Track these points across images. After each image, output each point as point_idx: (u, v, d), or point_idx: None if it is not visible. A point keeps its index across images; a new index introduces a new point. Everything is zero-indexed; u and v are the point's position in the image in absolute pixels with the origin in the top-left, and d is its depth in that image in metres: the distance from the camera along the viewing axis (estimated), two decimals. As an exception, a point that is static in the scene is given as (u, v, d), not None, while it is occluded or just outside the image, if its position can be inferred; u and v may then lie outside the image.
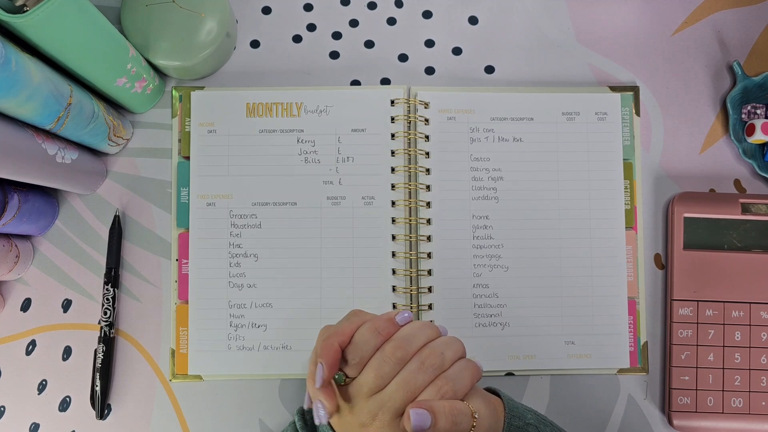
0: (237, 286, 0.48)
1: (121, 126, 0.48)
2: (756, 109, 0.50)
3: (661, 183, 0.51)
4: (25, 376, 0.48)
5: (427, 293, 0.48)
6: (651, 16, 0.52)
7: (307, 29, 0.52)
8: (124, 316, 0.49)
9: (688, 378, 0.47)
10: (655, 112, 0.51)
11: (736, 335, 0.47)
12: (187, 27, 0.47)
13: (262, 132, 0.49)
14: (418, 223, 0.48)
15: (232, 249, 0.48)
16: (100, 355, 0.47)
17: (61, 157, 0.43)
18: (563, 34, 0.52)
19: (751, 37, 0.52)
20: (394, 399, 0.34)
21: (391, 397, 0.34)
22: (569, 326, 0.48)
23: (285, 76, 0.51)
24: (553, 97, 0.50)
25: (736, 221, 0.48)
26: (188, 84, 0.51)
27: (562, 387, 0.48)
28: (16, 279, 0.49)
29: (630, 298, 0.49)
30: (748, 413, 0.47)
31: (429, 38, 0.52)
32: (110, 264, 0.48)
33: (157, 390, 0.48)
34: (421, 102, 0.49)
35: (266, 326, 0.48)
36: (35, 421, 0.48)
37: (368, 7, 0.52)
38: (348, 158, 0.49)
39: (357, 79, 0.51)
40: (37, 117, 0.39)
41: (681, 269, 0.48)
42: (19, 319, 0.49)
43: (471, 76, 0.52)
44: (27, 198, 0.45)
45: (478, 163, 0.49)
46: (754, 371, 0.47)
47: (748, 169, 0.51)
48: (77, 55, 0.40)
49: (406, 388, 0.34)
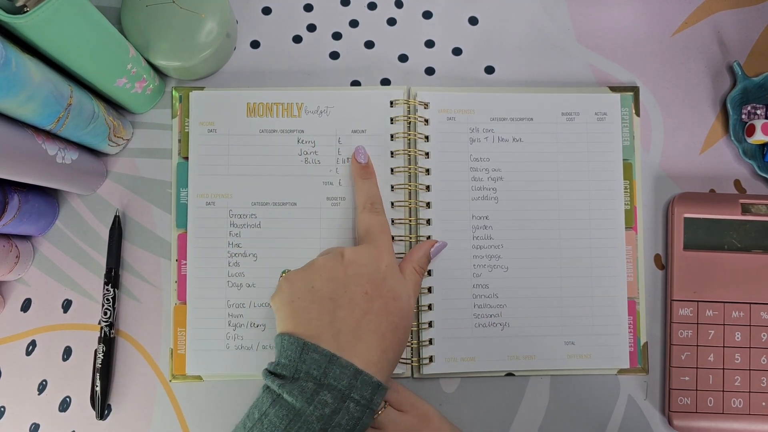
0: (236, 286, 0.48)
1: (121, 126, 0.48)
2: (756, 110, 0.50)
3: (661, 183, 0.50)
4: (25, 376, 0.48)
5: (427, 294, 0.48)
6: (651, 16, 0.52)
7: (307, 29, 0.52)
8: (124, 317, 0.49)
9: (688, 378, 0.47)
10: (655, 113, 0.51)
11: (736, 336, 0.47)
12: (187, 27, 0.47)
13: (263, 132, 0.49)
14: (418, 223, 0.48)
15: (231, 248, 0.48)
16: (100, 355, 0.47)
17: (62, 158, 0.43)
18: (563, 34, 0.52)
19: (751, 38, 0.52)
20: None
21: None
22: (569, 326, 0.48)
23: (285, 77, 0.51)
24: (553, 97, 0.50)
25: (736, 222, 0.48)
26: (188, 84, 0.51)
27: (562, 387, 0.48)
28: (16, 279, 0.49)
29: (630, 298, 0.49)
30: (748, 414, 0.46)
31: (429, 38, 0.52)
32: (110, 264, 0.48)
33: (157, 390, 0.48)
34: (421, 102, 0.49)
35: (265, 326, 0.48)
36: (35, 422, 0.48)
37: (368, 8, 0.53)
38: (348, 159, 0.49)
39: (357, 80, 0.51)
40: (37, 117, 0.39)
41: (681, 269, 0.48)
42: (19, 320, 0.49)
43: (471, 77, 0.52)
44: (27, 198, 0.45)
45: (478, 164, 0.49)
46: (754, 371, 0.47)
47: (748, 169, 0.51)
48: (77, 55, 0.40)
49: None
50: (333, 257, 0.41)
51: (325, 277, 0.39)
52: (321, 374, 0.36)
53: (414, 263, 0.43)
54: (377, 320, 0.38)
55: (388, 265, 0.41)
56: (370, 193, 0.45)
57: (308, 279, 0.40)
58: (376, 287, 0.39)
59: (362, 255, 0.41)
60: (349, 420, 0.36)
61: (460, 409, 0.48)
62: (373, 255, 0.41)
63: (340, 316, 0.38)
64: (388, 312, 0.39)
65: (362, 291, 0.39)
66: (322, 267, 0.40)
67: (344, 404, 0.36)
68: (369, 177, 0.46)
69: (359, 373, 0.36)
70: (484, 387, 0.48)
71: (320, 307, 0.38)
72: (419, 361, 0.47)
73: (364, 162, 0.46)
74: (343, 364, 0.36)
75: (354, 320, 0.38)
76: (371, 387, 0.36)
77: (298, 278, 0.40)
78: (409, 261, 0.43)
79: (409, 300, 0.41)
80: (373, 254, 0.41)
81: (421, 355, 0.47)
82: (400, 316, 0.40)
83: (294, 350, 0.37)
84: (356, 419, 0.36)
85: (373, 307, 0.39)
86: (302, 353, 0.36)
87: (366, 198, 0.45)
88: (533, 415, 0.48)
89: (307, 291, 0.39)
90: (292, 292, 0.39)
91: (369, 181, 0.46)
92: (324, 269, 0.40)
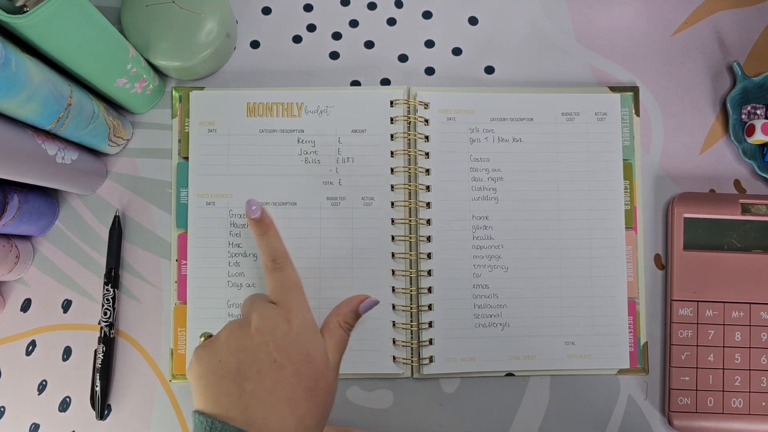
0: (236, 286, 0.48)
1: (121, 126, 0.48)
2: (756, 110, 0.50)
3: (661, 183, 0.50)
4: (25, 376, 0.48)
5: (427, 294, 0.48)
6: (651, 16, 0.52)
7: (307, 29, 0.52)
8: (124, 317, 0.49)
9: (688, 378, 0.47)
10: (655, 113, 0.51)
11: (736, 336, 0.47)
12: (187, 27, 0.47)
13: (263, 132, 0.49)
14: (418, 223, 0.48)
15: (232, 249, 0.48)
16: (100, 355, 0.47)
17: (61, 158, 0.43)
18: (563, 34, 0.52)
19: (751, 38, 0.52)
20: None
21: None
22: (569, 326, 0.48)
23: (285, 77, 0.51)
24: (553, 97, 0.50)
25: (736, 222, 0.48)
26: (188, 84, 0.51)
27: (562, 387, 0.48)
28: (16, 279, 0.49)
29: (630, 298, 0.49)
30: (748, 413, 0.46)
31: (429, 38, 0.52)
32: (110, 264, 0.48)
33: (158, 390, 0.48)
34: (421, 102, 0.49)
35: (266, 326, 0.48)
36: (35, 422, 0.48)
37: (368, 8, 0.53)
38: (348, 159, 0.49)
39: (357, 80, 0.51)
40: (37, 117, 0.39)
41: (681, 270, 0.48)
42: (19, 320, 0.49)
43: (471, 77, 0.52)
44: (27, 198, 0.45)
45: (478, 164, 0.49)
46: (754, 371, 0.47)
47: (748, 169, 0.51)
48: (77, 55, 0.40)
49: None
50: (239, 327, 0.38)
51: (231, 349, 0.37)
52: None
53: (339, 318, 0.40)
54: (288, 389, 0.35)
55: (299, 324, 0.37)
56: (270, 248, 0.41)
57: (215, 352, 0.37)
58: (285, 353, 0.36)
59: (269, 320, 0.37)
60: None
61: (460, 409, 0.48)
62: (281, 317, 0.38)
63: (248, 389, 0.35)
64: (300, 377, 0.36)
65: (270, 360, 0.36)
66: (228, 338, 0.37)
67: None
68: (266, 231, 0.41)
69: None
70: (484, 387, 0.48)
71: (228, 382, 0.36)
72: (419, 361, 0.47)
73: (257, 216, 0.41)
74: None
75: (265, 391, 0.35)
76: None
77: (206, 352, 0.38)
78: (335, 315, 0.40)
79: (325, 359, 0.38)
80: (281, 316, 0.38)
81: (421, 355, 0.47)
82: (314, 379, 0.36)
83: (203, 429, 0.35)
84: None
85: (283, 375, 0.36)
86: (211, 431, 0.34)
87: (267, 255, 0.40)
88: (533, 415, 0.48)
89: (214, 365, 0.37)
90: (200, 366, 0.37)
91: (266, 236, 0.41)
92: (230, 340, 0.37)
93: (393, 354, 0.47)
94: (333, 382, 0.38)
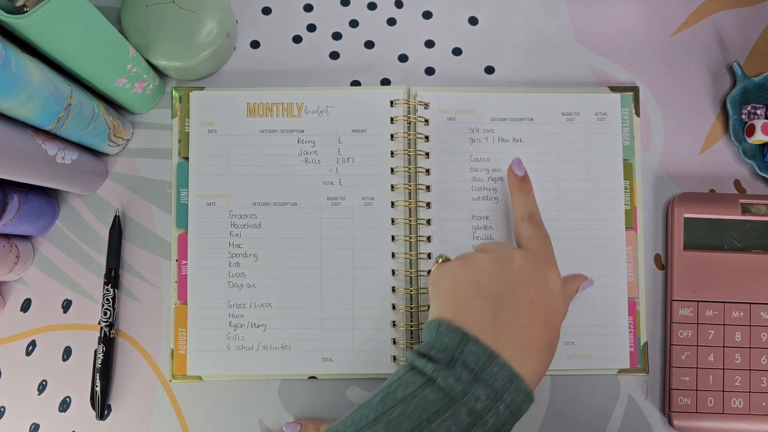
0: (236, 286, 0.48)
1: (121, 126, 0.48)
2: (756, 110, 0.50)
3: (661, 183, 0.50)
4: (25, 376, 0.48)
5: (427, 294, 0.48)
6: (651, 16, 0.52)
7: (307, 29, 0.52)
8: (124, 317, 0.49)
9: (688, 378, 0.47)
10: (655, 113, 0.51)
11: (736, 336, 0.47)
12: (187, 27, 0.47)
13: (263, 132, 0.49)
14: (418, 223, 0.48)
15: (232, 249, 0.48)
16: (100, 355, 0.47)
17: (61, 158, 0.43)
18: (563, 34, 0.52)
19: (751, 38, 0.52)
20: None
21: None
22: (569, 326, 0.48)
23: (285, 77, 0.51)
24: (553, 97, 0.50)
25: (736, 222, 0.48)
26: (188, 84, 0.51)
27: (562, 387, 0.48)
28: (16, 279, 0.49)
29: (630, 298, 0.49)
30: (749, 414, 0.46)
31: (429, 38, 0.52)
32: (110, 264, 0.48)
33: (158, 390, 0.48)
34: (421, 102, 0.49)
35: (266, 326, 0.48)
36: (35, 422, 0.48)
37: (368, 8, 0.53)
38: (348, 159, 0.49)
39: (357, 80, 0.51)
40: (37, 117, 0.39)
41: (681, 270, 0.48)
42: (19, 320, 0.49)
43: (471, 77, 0.52)
44: (27, 198, 0.45)
45: (478, 164, 0.49)
46: (754, 372, 0.47)
47: (748, 169, 0.51)
48: (77, 55, 0.40)
49: None
50: (500, 259, 0.39)
51: (492, 276, 0.38)
52: (478, 368, 0.34)
53: (572, 286, 0.43)
54: (539, 332, 0.37)
55: (555, 278, 0.39)
56: (529, 205, 0.44)
57: (475, 272, 0.38)
58: (541, 298, 0.38)
59: (532, 263, 0.39)
60: (495, 421, 0.33)
61: (460, 409, 0.48)
62: (542, 264, 0.39)
63: (502, 318, 0.36)
64: (547, 327, 0.37)
65: (528, 299, 0.37)
66: (489, 265, 0.39)
67: (495, 404, 0.33)
68: (527, 192, 0.45)
69: (516, 378, 0.34)
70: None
71: (484, 303, 0.37)
72: (419, 361, 0.47)
73: (521, 175, 0.45)
74: (501, 364, 0.34)
75: (517, 327, 0.36)
76: (523, 395, 0.34)
77: (465, 270, 0.39)
78: (573, 282, 0.43)
79: (562, 317, 0.40)
80: (542, 263, 0.39)
81: (421, 355, 0.47)
82: (555, 334, 0.38)
83: (452, 338, 0.35)
84: (502, 423, 0.34)
85: (537, 317, 0.37)
86: (461, 342, 0.35)
87: (524, 210, 0.43)
88: (533, 415, 0.48)
89: (472, 284, 0.38)
90: (456, 282, 0.38)
91: (527, 195, 0.44)
92: (491, 268, 0.38)
93: (393, 354, 0.47)
94: (557, 343, 0.39)
